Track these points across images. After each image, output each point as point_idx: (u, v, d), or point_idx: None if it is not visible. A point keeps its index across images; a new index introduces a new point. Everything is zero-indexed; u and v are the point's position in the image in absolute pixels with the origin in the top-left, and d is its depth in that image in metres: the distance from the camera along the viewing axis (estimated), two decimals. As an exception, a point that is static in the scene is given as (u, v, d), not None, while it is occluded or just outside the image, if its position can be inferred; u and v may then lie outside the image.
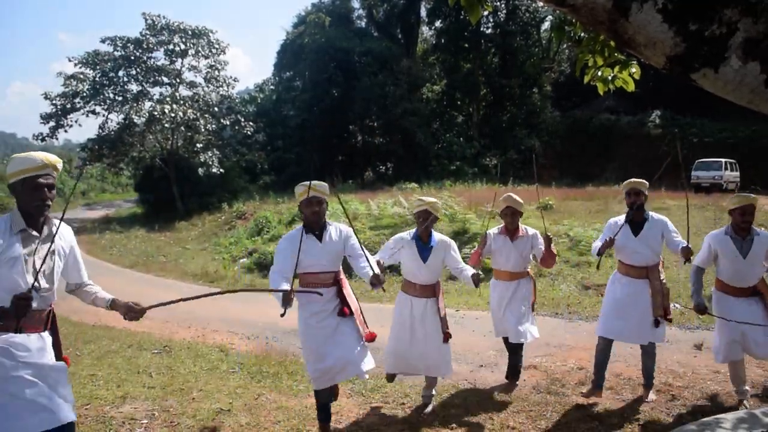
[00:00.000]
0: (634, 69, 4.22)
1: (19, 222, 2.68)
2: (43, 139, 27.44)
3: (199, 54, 28.52)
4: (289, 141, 34.63)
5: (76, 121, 27.11)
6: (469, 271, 4.58)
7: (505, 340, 5.34)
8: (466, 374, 5.73)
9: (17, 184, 2.67)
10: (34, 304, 2.65)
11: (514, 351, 5.28)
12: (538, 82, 34.72)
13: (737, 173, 24.17)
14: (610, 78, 4.29)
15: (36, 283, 2.63)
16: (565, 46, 36.76)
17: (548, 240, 4.92)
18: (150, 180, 28.49)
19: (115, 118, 27.30)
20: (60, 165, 2.75)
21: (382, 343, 4.72)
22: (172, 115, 25.31)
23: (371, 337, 4.03)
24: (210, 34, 28.58)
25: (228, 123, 28.68)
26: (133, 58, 27.01)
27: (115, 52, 27.13)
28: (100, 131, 27.29)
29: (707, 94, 2.61)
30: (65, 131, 27.44)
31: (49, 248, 2.71)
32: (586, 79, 4.40)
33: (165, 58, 28.10)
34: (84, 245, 20.05)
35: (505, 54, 34.46)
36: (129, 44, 27.04)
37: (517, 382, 5.31)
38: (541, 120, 33.33)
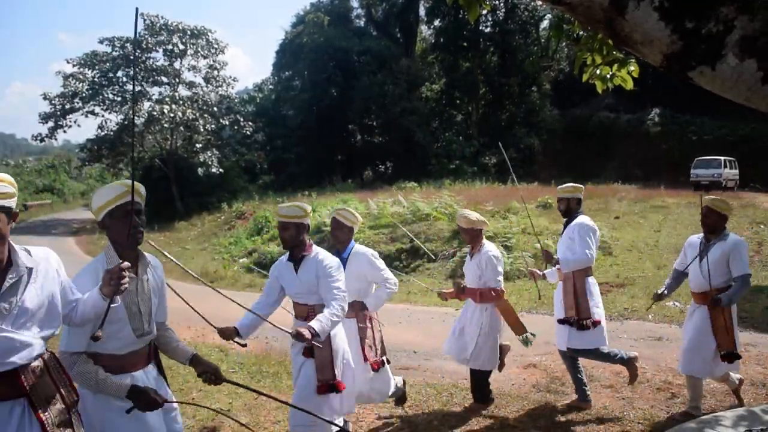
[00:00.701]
0: (633, 67, 4.22)
1: (115, 262, 2.43)
2: (42, 140, 27.47)
3: (198, 54, 28.51)
4: (288, 141, 34.64)
5: (75, 122, 27.14)
6: (373, 300, 4.16)
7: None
8: (466, 373, 5.72)
9: (105, 218, 2.50)
10: (139, 346, 2.55)
11: (474, 374, 4.84)
12: (537, 81, 34.71)
13: (736, 171, 24.19)
14: (608, 76, 4.28)
15: (144, 327, 2.53)
16: (563, 44, 36.72)
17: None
18: (149, 180, 28.47)
19: (114, 119, 27.33)
20: (143, 190, 2.54)
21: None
22: (171, 115, 25.30)
23: (323, 390, 3.47)
24: (209, 34, 28.57)
25: (227, 123, 28.67)
26: (132, 57, 26.97)
27: (114, 53, 27.11)
28: (99, 131, 27.30)
29: (706, 92, 2.61)
30: (64, 131, 27.49)
31: (147, 287, 2.56)
32: (585, 77, 4.39)
33: (164, 58, 28.10)
34: (84, 245, 20.03)
35: (504, 53, 34.45)
36: (127, 44, 27.02)
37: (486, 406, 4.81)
38: (540, 119, 33.33)
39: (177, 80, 28.48)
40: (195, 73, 29.18)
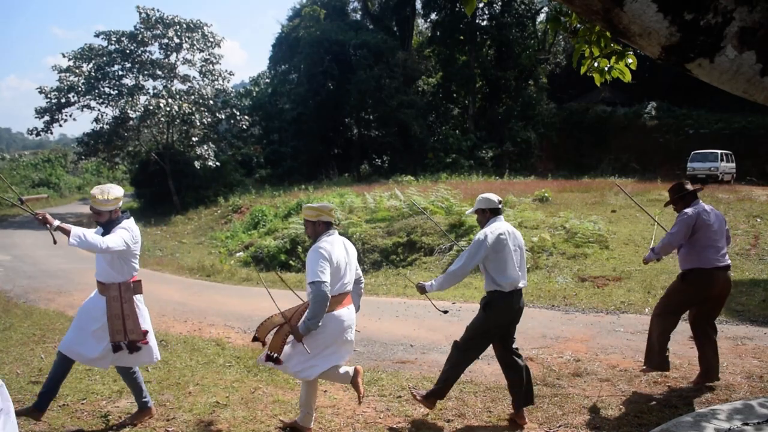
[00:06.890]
0: (631, 59, 4.20)
1: None
2: (38, 134, 27.32)
3: (194, 47, 28.34)
4: (284, 134, 34.58)
5: (70, 116, 26.96)
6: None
7: None
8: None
9: None
10: None
11: None
12: (533, 74, 34.67)
13: (733, 164, 24.22)
14: (606, 68, 4.27)
15: None
16: (560, 37, 36.68)
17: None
18: (146, 174, 28.42)
19: (110, 113, 27.18)
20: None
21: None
22: (168, 109, 25.17)
23: None
24: (204, 27, 28.41)
25: (223, 117, 28.56)
26: (128, 51, 26.85)
27: (110, 47, 26.95)
28: (95, 125, 27.16)
29: (703, 84, 2.60)
30: (60, 126, 27.28)
31: None
32: (583, 69, 4.38)
33: (159, 52, 27.95)
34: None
35: (501, 46, 34.37)
36: (123, 38, 26.87)
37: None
38: (536, 112, 33.32)
39: (173, 74, 28.33)
40: (190, 67, 29.05)
